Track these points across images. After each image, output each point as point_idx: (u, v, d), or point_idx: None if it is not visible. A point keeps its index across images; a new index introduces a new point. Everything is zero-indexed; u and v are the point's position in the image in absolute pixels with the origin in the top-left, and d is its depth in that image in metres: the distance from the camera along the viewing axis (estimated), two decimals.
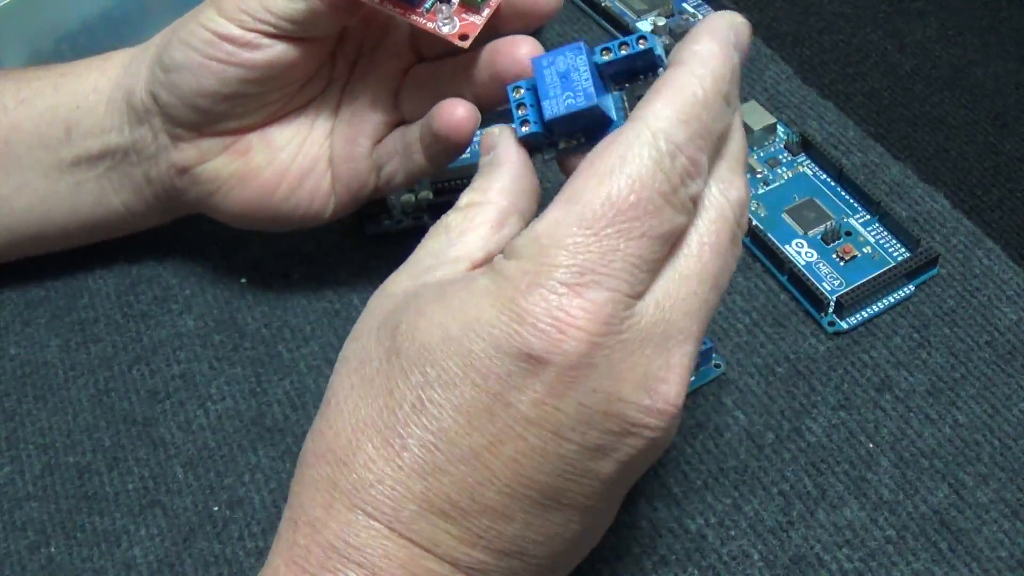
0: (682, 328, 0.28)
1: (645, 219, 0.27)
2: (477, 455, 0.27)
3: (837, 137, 0.49)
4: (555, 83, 0.31)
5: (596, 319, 0.27)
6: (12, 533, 0.38)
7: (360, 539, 0.27)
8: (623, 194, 0.27)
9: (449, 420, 0.27)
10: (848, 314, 0.42)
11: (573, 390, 0.27)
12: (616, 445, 0.28)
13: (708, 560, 0.36)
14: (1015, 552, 0.35)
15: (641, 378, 0.28)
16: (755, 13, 0.55)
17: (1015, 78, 0.51)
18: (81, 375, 0.43)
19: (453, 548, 0.28)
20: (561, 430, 0.27)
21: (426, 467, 0.27)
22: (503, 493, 0.27)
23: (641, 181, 0.27)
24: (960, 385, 0.40)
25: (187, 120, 0.39)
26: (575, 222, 0.27)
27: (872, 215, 0.45)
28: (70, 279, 0.46)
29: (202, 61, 0.38)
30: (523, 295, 0.27)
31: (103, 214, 0.43)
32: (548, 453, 0.27)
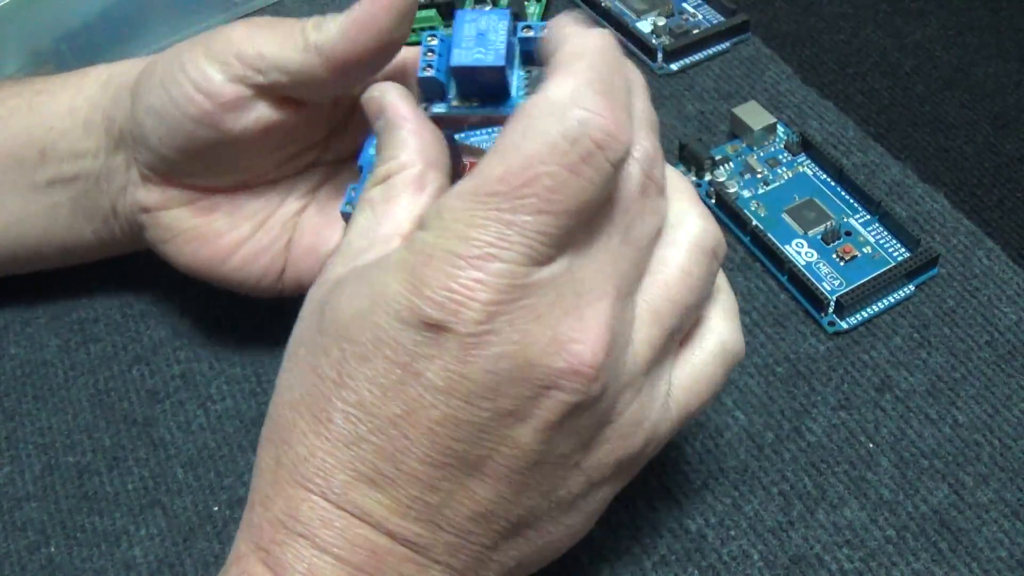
0: (593, 287, 0.28)
1: (545, 194, 0.27)
2: (395, 424, 0.28)
3: (837, 137, 0.49)
4: (471, 37, 0.31)
5: (492, 289, 0.27)
6: (12, 533, 0.38)
7: (302, 512, 0.28)
8: (518, 167, 0.27)
9: (366, 392, 0.28)
10: (848, 314, 0.42)
11: (478, 357, 0.27)
12: (531, 409, 0.28)
13: (708, 560, 0.36)
14: (1015, 552, 0.35)
15: (550, 340, 0.27)
16: (755, 13, 0.55)
17: (1015, 78, 0.51)
18: (81, 375, 0.43)
19: (385, 518, 0.28)
20: (471, 397, 0.27)
21: (350, 437, 0.28)
22: (424, 462, 0.28)
23: (538, 154, 0.27)
24: (960, 385, 0.40)
25: (152, 166, 0.38)
26: (476, 196, 0.27)
27: (872, 215, 0.45)
28: (70, 279, 0.46)
29: (175, 114, 0.36)
30: (423, 267, 0.27)
31: (74, 240, 0.43)
32: (461, 421, 0.28)
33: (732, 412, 0.40)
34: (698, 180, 0.47)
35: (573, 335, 0.28)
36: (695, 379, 0.32)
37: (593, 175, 0.27)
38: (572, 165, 0.27)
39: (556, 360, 0.27)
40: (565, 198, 0.27)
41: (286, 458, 0.29)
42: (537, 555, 0.31)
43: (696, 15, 0.55)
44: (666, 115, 0.51)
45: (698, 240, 0.31)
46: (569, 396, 0.28)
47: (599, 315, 0.28)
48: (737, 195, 0.46)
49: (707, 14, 0.55)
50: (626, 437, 0.30)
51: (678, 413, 0.32)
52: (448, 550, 0.29)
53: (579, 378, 0.28)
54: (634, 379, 0.30)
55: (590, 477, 0.30)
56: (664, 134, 0.49)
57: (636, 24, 0.54)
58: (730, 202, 0.45)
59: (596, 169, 0.27)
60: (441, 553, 0.29)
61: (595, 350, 0.28)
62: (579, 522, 0.31)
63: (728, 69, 0.52)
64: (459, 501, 0.28)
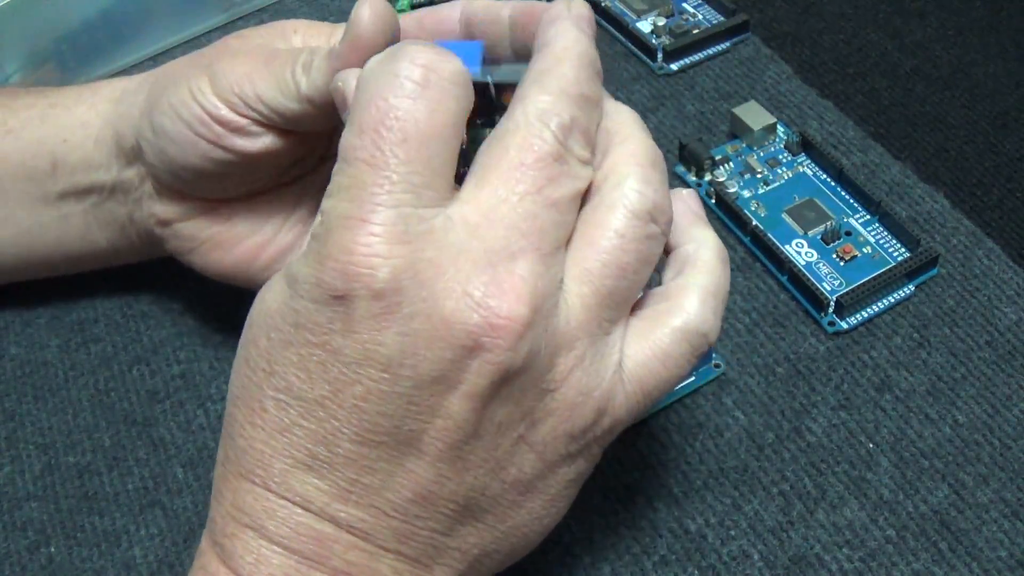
0: (507, 245, 0.27)
1: (397, 124, 0.27)
2: (323, 406, 0.28)
3: (837, 137, 0.49)
4: None
5: (387, 239, 0.27)
6: (12, 533, 0.38)
7: (248, 503, 0.28)
8: (367, 112, 0.28)
9: (293, 377, 0.28)
10: (848, 314, 0.42)
11: (387, 320, 0.27)
12: (457, 375, 0.27)
13: (708, 560, 0.36)
14: (1015, 552, 0.35)
15: (462, 296, 0.27)
16: (755, 13, 0.55)
17: (1015, 78, 0.51)
18: (81, 375, 0.43)
19: (326, 504, 0.28)
20: (391, 366, 0.27)
21: (282, 424, 0.28)
22: (356, 441, 0.28)
23: (379, 94, 0.28)
24: (960, 385, 0.40)
25: (169, 184, 0.39)
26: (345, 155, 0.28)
27: (872, 215, 0.45)
28: (70, 279, 0.46)
29: (189, 136, 0.36)
30: (325, 240, 0.27)
31: (88, 249, 0.43)
32: (386, 393, 0.27)
33: (732, 412, 0.40)
34: (698, 180, 0.47)
35: (488, 290, 0.27)
36: (654, 355, 0.30)
37: (433, 95, 0.28)
38: (410, 92, 0.28)
39: (471, 316, 0.27)
40: (418, 122, 0.27)
41: (231, 452, 0.29)
42: (504, 544, 0.30)
43: (696, 15, 0.55)
44: (666, 115, 0.51)
45: (631, 203, 0.30)
46: (496, 356, 0.27)
47: (516, 271, 0.27)
48: (737, 195, 0.46)
49: (707, 14, 0.55)
50: (573, 408, 0.29)
51: (634, 388, 0.30)
52: (396, 536, 0.28)
53: (502, 334, 0.27)
54: (570, 342, 0.29)
55: (542, 455, 0.29)
56: (664, 134, 0.50)
57: (636, 24, 0.54)
58: (730, 202, 0.45)
59: (437, 90, 0.28)
60: (388, 539, 0.28)
61: (515, 306, 0.27)
62: (542, 507, 0.30)
63: (728, 69, 0.52)
64: (398, 482, 0.28)
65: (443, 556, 0.29)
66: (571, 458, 0.30)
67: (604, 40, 0.54)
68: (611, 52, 0.54)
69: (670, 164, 0.48)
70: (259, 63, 0.36)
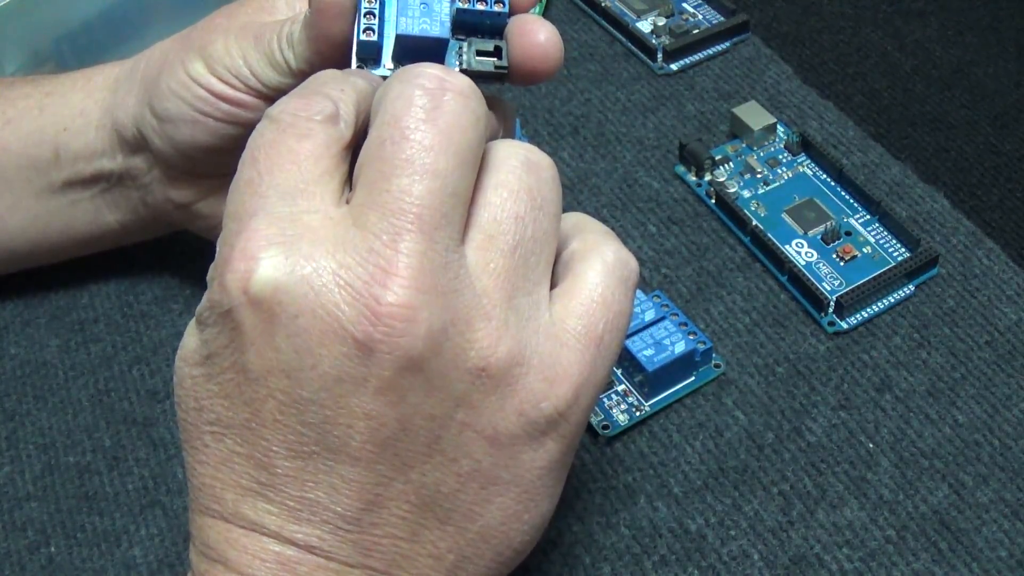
0: (383, 228, 0.26)
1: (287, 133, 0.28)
2: (249, 428, 0.27)
3: (837, 137, 0.49)
4: (416, 5, 0.31)
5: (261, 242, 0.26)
6: (12, 533, 0.38)
7: (212, 538, 0.28)
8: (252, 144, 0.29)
9: (219, 407, 0.28)
10: (848, 314, 0.42)
11: (273, 324, 0.26)
12: (359, 370, 0.26)
13: (708, 560, 0.36)
14: (1015, 552, 0.35)
15: (343, 286, 0.26)
16: (755, 13, 0.55)
17: (1015, 78, 0.51)
18: (81, 375, 0.43)
19: (280, 527, 0.28)
20: (291, 371, 0.26)
21: (222, 455, 0.28)
22: (288, 457, 0.27)
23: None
24: (960, 385, 0.40)
25: (182, 166, 0.39)
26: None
27: (872, 215, 0.45)
28: (70, 279, 0.46)
29: (197, 117, 0.37)
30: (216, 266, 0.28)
31: (99, 232, 0.43)
32: (296, 400, 0.27)
33: (732, 412, 0.40)
34: (698, 180, 0.47)
35: (369, 278, 0.26)
36: (589, 300, 0.29)
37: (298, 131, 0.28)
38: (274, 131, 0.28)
39: (355, 305, 0.26)
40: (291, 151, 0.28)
41: (191, 491, 0.29)
42: (484, 548, 0.29)
43: (696, 15, 0.55)
44: (666, 115, 0.51)
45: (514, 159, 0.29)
46: (390, 345, 0.26)
47: (399, 252, 0.26)
48: (737, 195, 0.46)
49: (707, 14, 0.55)
50: (513, 381, 0.27)
51: (582, 343, 0.29)
52: (357, 550, 0.28)
53: (391, 322, 0.26)
54: (486, 312, 0.27)
55: (494, 440, 0.28)
56: (664, 134, 0.50)
57: (636, 24, 0.54)
58: (730, 202, 0.45)
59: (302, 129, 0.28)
60: (351, 554, 0.28)
61: (398, 290, 0.26)
62: (515, 502, 0.29)
63: (728, 69, 0.52)
64: (343, 492, 0.27)
65: (414, 565, 0.28)
66: (534, 440, 0.28)
67: (604, 40, 0.54)
68: (611, 52, 0.54)
69: (670, 164, 0.48)
70: (249, 41, 0.36)
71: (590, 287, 0.29)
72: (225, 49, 0.36)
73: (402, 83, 0.28)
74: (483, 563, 0.29)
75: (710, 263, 0.44)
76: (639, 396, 0.40)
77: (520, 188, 0.28)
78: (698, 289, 0.44)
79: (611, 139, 0.50)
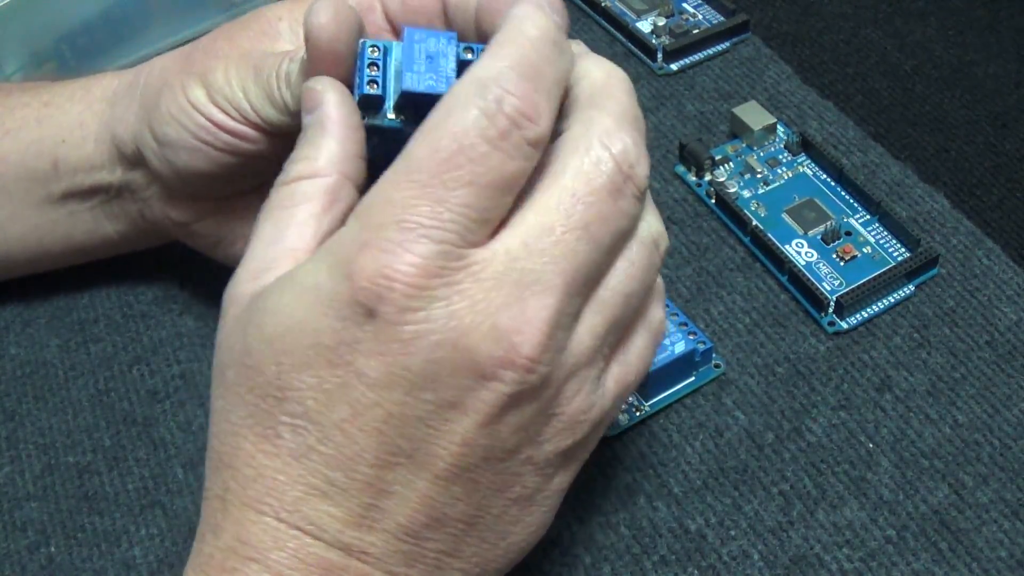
0: (540, 278, 0.27)
1: (469, 167, 0.27)
2: (342, 429, 0.27)
3: (837, 137, 0.49)
4: (421, 60, 0.31)
5: (425, 272, 0.26)
6: (12, 533, 0.38)
7: (253, 536, 0.28)
8: (444, 143, 0.27)
9: (310, 401, 0.27)
10: (848, 314, 0.42)
11: (415, 345, 0.27)
12: (470, 400, 0.27)
13: (708, 560, 0.36)
14: (1015, 552, 0.35)
15: (490, 329, 0.27)
16: (755, 13, 0.55)
17: (1015, 78, 0.51)
18: (81, 375, 0.43)
19: (339, 532, 0.28)
20: (412, 389, 0.27)
21: (298, 450, 0.28)
22: (374, 465, 0.27)
23: (463, 129, 0.27)
24: (960, 385, 0.40)
25: (180, 188, 0.39)
26: (401, 179, 0.27)
27: (872, 215, 0.45)
28: (70, 279, 0.46)
29: (196, 144, 0.36)
30: (355, 258, 0.27)
31: (98, 242, 0.43)
32: (407, 416, 0.27)
33: (732, 412, 0.40)
34: (698, 180, 0.47)
35: (514, 325, 0.27)
36: (632, 363, 0.31)
37: (511, 150, 0.27)
38: (492, 140, 0.27)
39: (495, 349, 0.27)
40: (488, 171, 0.27)
41: (234, 483, 0.28)
42: (503, 558, 0.31)
43: (696, 15, 0.55)
44: (666, 115, 0.51)
45: (642, 235, 0.30)
46: (506, 387, 0.27)
47: (544, 311, 0.27)
48: (737, 195, 0.46)
49: (707, 14, 0.55)
50: (573, 427, 0.30)
51: (617, 392, 0.31)
52: (405, 560, 0.28)
53: (516, 369, 0.27)
54: (578, 370, 0.29)
55: (542, 471, 0.30)
56: (664, 134, 0.50)
57: (636, 24, 0.54)
58: (730, 202, 0.45)
59: (514, 145, 0.27)
60: (398, 564, 0.28)
61: (535, 344, 0.27)
62: (538, 518, 0.31)
63: (728, 69, 0.52)
64: (411, 506, 0.28)
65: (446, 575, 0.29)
66: (564, 468, 0.31)
67: (604, 40, 0.54)
68: (611, 52, 0.54)
69: (670, 164, 0.48)
70: (249, 72, 0.35)
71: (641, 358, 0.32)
72: (225, 78, 0.35)
73: (593, 161, 0.28)
74: (496, 566, 0.31)
75: (710, 263, 0.44)
76: (639, 396, 0.40)
77: (641, 268, 0.30)
78: (698, 289, 0.44)
79: None
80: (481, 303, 0.27)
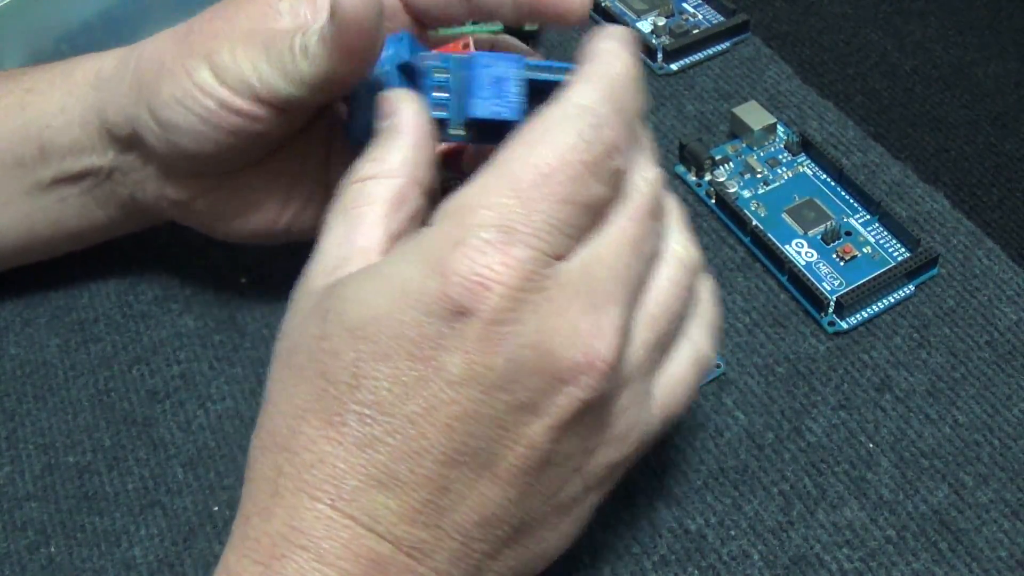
0: (610, 291, 0.29)
1: (568, 185, 0.28)
2: (413, 423, 0.28)
3: (837, 137, 0.49)
4: (487, 85, 0.32)
5: (518, 274, 0.27)
6: (12, 533, 0.38)
7: (305, 522, 0.28)
8: (548, 160, 0.28)
9: (384, 392, 0.28)
10: (848, 314, 0.42)
11: (501, 345, 0.27)
12: (545, 403, 0.28)
13: (708, 560, 0.36)
14: (1015, 552, 0.35)
15: (571, 334, 0.28)
16: (755, 13, 0.55)
17: (1015, 78, 0.51)
18: (81, 375, 0.43)
19: (394, 525, 0.28)
20: (491, 389, 0.28)
21: (364, 439, 0.28)
22: (439, 461, 0.28)
23: (566, 150, 0.28)
24: (960, 385, 0.40)
25: (182, 168, 0.39)
26: (501, 185, 0.28)
27: (872, 215, 0.45)
28: (70, 279, 0.46)
29: (204, 128, 0.36)
30: (448, 256, 0.27)
31: (89, 227, 0.43)
32: (480, 415, 0.28)
33: (732, 412, 0.40)
34: (698, 180, 0.47)
35: (592, 331, 0.28)
36: (675, 385, 0.32)
37: (604, 175, 0.29)
38: (587, 164, 0.29)
39: (576, 354, 0.28)
40: (581, 191, 0.28)
41: (289, 467, 0.28)
42: (531, 564, 0.31)
43: (696, 15, 0.55)
44: (666, 115, 0.51)
45: (683, 256, 0.32)
46: (582, 392, 0.28)
47: (616, 319, 0.29)
48: (737, 195, 0.46)
49: (707, 14, 0.55)
50: (622, 441, 0.31)
51: (660, 417, 0.32)
52: (450, 558, 0.29)
53: (594, 373, 0.28)
54: (629, 382, 0.30)
55: (586, 481, 0.31)
56: (664, 134, 0.50)
57: (636, 24, 0.54)
58: (730, 202, 0.45)
59: (606, 172, 0.29)
60: (443, 561, 0.28)
61: (612, 351, 0.28)
62: (570, 526, 0.31)
63: (728, 69, 0.52)
64: (468, 504, 0.28)
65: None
66: (603, 484, 0.32)
67: None
68: None
69: (670, 164, 0.48)
70: (259, 50, 0.35)
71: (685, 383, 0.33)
72: (232, 58, 0.35)
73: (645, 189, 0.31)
74: (522, 571, 0.31)
75: (710, 263, 0.44)
76: None
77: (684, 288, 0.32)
78: None
79: None
80: (564, 311, 0.28)
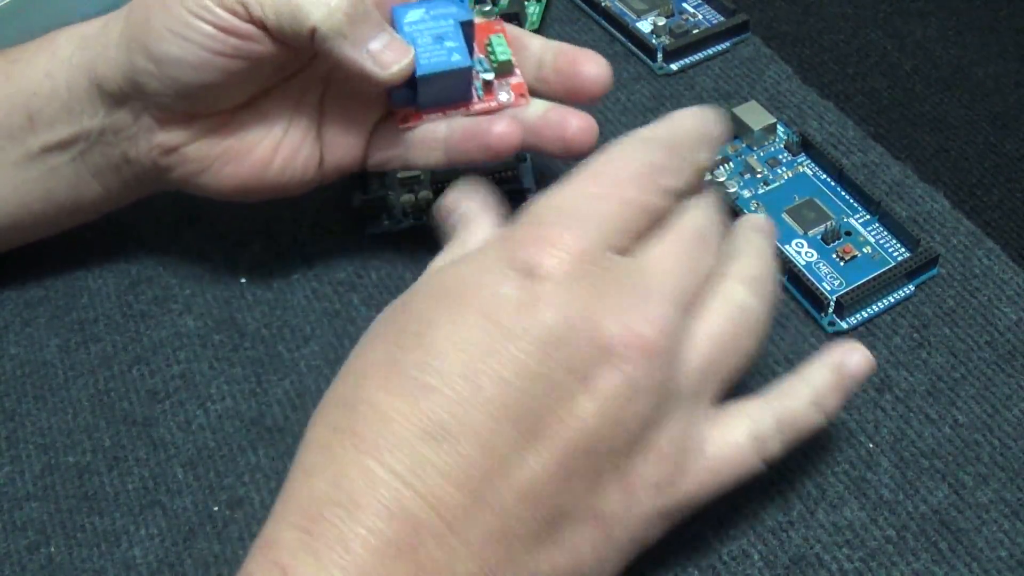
0: (661, 287, 0.32)
1: (629, 188, 0.32)
2: (467, 373, 0.29)
3: (837, 137, 0.49)
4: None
5: (579, 245, 0.31)
6: (12, 533, 0.38)
7: (347, 479, 0.28)
8: (614, 166, 0.33)
9: (445, 342, 0.29)
10: (848, 314, 0.42)
11: (555, 304, 0.30)
12: (594, 374, 0.30)
13: (708, 560, 0.36)
14: (1015, 552, 0.35)
15: (620, 313, 0.30)
16: (755, 13, 0.55)
17: (1015, 78, 0.51)
18: (81, 375, 0.43)
19: (436, 484, 0.28)
20: (545, 344, 0.29)
21: (420, 388, 0.29)
22: (490, 415, 0.28)
23: (637, 165, 0.33)
24: (960, 385, 0.40)
25: (181, 108, 0.38)
26: (568, 188, 0.32)
27: (872, 215, 0.45)
28: (70, 279, 0.46)
29: (203, 55, 0.36)
30: (520, 227, 0.32)
31: (79, 197, 0.42)
32: (533, 372, 0.29)
33: None
34: None
35: (640, 315, 0.30)
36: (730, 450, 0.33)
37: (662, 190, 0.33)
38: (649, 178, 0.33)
39: (622, 329, 0.30)
40: (645, 197, 0.32)
41: (345, 422, 0.29)
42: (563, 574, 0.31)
43: (696, 15, 0.55)
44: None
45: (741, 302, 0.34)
46: (628, 366, 0.30)
47: (662, 312, 0.31)
48: (737, 195, 0.46)
49: (707, 14, 0.55)
50: (660, 455, 0.31)
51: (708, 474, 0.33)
52: (483, 536, 0.28)
53: (636, 349, 0.30)
54: (681, 398, 0.31)
55: (625, 490, 0.31)
56: None
57: (636, 24, 0.54)
58: (730, 202, 0.45)
59: (662, 188, 0.33)
60: (476, 537, 0.28)
61: (655, 332, 0.30)
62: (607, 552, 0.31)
63: (728, 69, 0.52)
64: (511, 474, 0.29)
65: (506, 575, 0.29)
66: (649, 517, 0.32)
67: (604, 40, 0.54)
68: (611, 52, 0.54)
69: None
70: None
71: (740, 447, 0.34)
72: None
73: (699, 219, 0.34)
74: None
75: None
76: None
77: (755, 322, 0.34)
78: None
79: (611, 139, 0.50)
80: (616, 294, 0.31)
